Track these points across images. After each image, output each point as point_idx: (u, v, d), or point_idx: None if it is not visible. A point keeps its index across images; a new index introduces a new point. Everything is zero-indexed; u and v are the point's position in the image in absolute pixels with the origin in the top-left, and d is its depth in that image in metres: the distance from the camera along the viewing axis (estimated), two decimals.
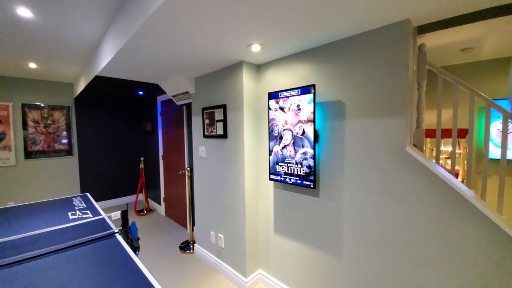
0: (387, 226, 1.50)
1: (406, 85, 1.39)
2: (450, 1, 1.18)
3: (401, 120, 1.42)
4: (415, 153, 1.39)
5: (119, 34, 1.76)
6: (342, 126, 1.67)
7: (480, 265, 1.21)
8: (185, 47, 1.77)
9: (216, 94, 2.40)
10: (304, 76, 1.87)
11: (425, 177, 1.35)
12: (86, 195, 2.85)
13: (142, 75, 2.57)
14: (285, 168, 1.93)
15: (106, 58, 2.12)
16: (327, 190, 1.79)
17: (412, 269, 1.42)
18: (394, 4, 1.20)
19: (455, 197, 1.26)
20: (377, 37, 1.46)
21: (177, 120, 3.60)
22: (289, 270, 2.10)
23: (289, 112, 1.86)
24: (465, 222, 1.24)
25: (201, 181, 2.73)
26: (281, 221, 2.14)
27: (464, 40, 2.32)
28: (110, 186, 4.75)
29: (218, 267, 2.56)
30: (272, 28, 1.46)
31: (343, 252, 1.72)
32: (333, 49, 1.68)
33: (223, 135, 2.33)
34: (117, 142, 4.78)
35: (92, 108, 4.44)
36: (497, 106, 1.71)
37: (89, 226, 1.93)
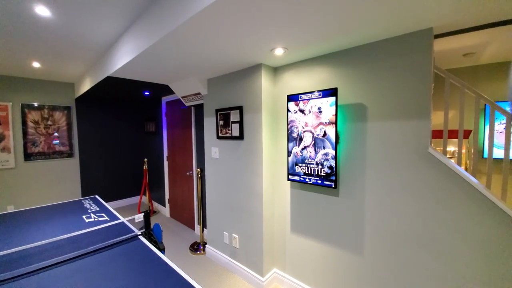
0: (409, 223, 1.58)
1: (428, 89, 1.47)
2: (472, 12, 1.26)
3: (424, 122, 1.50)
4: (437, 153, 1.47)
5: (142, 37, 1.76)
6: (363, 128, 1.74)
7: (501, 258, 1.30)
8: (209, 51, 1.79)
9: (231, 96, 2.43)
10: (324, 79, 1.93)
11: (447, 176, 1.43)
12: (96, 197, 2.81)
13: (154, 76, 2.56)
14: (304, 169, 1.98)
15: (123, 60, 2.10)
16: (347, 190, 1.85)
17: (434, 265, 1.50)
18: (421, 12, 1.27)
19: (475, 194, 1.35)
20: (401, 43, 1.54)
21: (184, 121, 3.59)
22: (307, 268, 2.15)
23: (309, 114, 1.91)
24: (486, 217, 1.33)
25: (214, 182, 2.74)
26: (298, 221, 2.19)
27: (467, 46, 2.45)
28: (112, 188, 4.67)
29: (232, 267, 2.58)
30: (299, 32, 1.51)
31: (364, 250, 1.79)
32: (356, 54, 1.75)
33: (239, 136, 2.36)
34: (119, 143, 4.71)
35: (93, 108, 4.35)
36: (501, 108, 1.83)
37: (110, 229, 1.92)
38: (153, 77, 2.60)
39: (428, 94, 1.47)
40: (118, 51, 2.21)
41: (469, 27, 1.50)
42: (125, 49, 2.06)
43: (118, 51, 2.21)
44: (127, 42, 2.01)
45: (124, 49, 2.08)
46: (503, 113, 1.82)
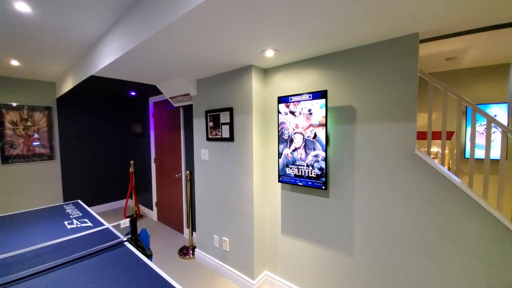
0: (397, 223, 1.61)
1: (414, 92, 1.51)
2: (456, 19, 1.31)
3: (410, 124, 1.54)
4: (423, 155, 1.51)
5: (128, 36, 1.70)
6: (353, 130, 1.76)
7: (482, 257, 1.35)
8: (198, 52, 1.76)
9: (221, 97, 2.40)
10: (314, 82, 1.94)
11: (433, 176, 1.47)
12: (78, 202, 2.70)
13: (141, 76, 2.49)
14: (295, 171, 1.99)
15: (108, 59, 2.03)
16: (337, 191, 1.87)
17: (422, 263, 1.54)
18: (408, 18, 1.30)
19: (460, 194, 1.39)
20: (389, 47, 1.57)
21: (172, 122, 3.51)
22: (298, 270, 2.15)
23: (299, 116, 1.92)
24: (469, 216, 1.37)
25: (203, 184, 2.70)
26: (289, 222, 2.19)
27: (450, 50, 2.55)
28: (97, 192, 4.50)
29: (222, 271, 2.54)
30: (290, 35, 1.51)
31: (354, 251, 1.81)
32: (345, 57, 1.77)
33: (229, 138, 2.33)
34: (103, 144, 4.55)
35: (76, 108, 4.18)
36: (482, 111, 1.91)
37: (94, 236, 1.84)
38: (139, 77, 2.53)
39: (414, 97, 1.51)
40: (102, 50, 2.13)
41: (452, 32, 1.56)
42: (110, 48, 1.99)
43: (102, 49, 2.13)
44: (112, 40, 1.94)
45: (109, 48, 2.01)
46: (484, 115, 1.90)
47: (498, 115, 3.05)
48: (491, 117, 1.93)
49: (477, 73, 3.08)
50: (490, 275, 1.34)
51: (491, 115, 3.05)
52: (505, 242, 1.29)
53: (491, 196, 2.97)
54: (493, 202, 2.98)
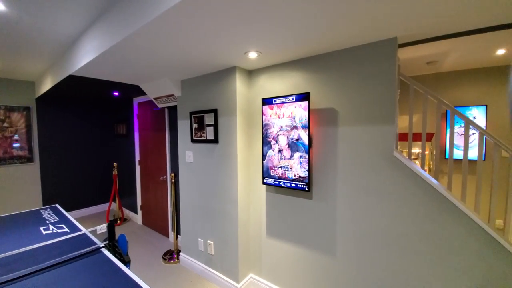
0: (377, 224, 1.63)
1: (393, 95, 1.54)
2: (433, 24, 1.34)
3: (389, 127, 1.56)
4: (401, 156, 1.54)
5: (106, 35, 1.65)
6: (335, 132, 1.77)
7: (459, 254, 1.38)
8: (179, 52, 1.73)
9: (206, 98, 2.37)
10: (297, 84, 1.94)
11: (410, 178, 1.50)
12: (56, 207, 2.59)
13: (123, 76, 2.42)
14: (279, 172, 1.98)
15: (86, 58, 1.96)
16: (320, 192, 1.87)
17: (400, 262, 1.56)
18: (385, 23, 1.32)
19: (435, 195, 1.42)
20: (369, 51, 1.59)
21: (157, 123, 3.44)
22: (282, 272, 2.14)
23: (283, 118, 1.91)
24: (444, 216, 1.40)
25: (188, 187, 2.65)
26: (273, 224, 2.18)
27: (430, 54, 2.62)
28: (79, 195, 4.34)
29: (207, 275, 2.50)
30: (271, 37, 1.50)
31: (337, 251, 1.82)
32: (326, 60, 1.78)
33: (213, 140, 2.30)
34: (85, 146, 4.40)
35: (57, 109, 4.03)
36: (460, 113, 1.96)
37: (70, 242, 1.77)
38: (120, 77, 2.46)
39: (393, 100, 1.53)
40: (81, 49, 2.06)
41: (430, 37, 1.59)
42: (88, 47, 1.93)
43: (81, 48, 2.06)
44: (91, 39, 1.88)
45: (87, 47, 1.94)
46: (462, 117, 1.96)
47: (477, 117, 3.16)
48: (468, 119, 1.99)
49: (457, 77, 3.19)
50: (465, 273, 1.37)
51: (470, 117, 3.16)
52: (479, 242, 1.33)
53: (469, 195, 3.07)
54: (471, 201, 3.09)
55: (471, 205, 3.09)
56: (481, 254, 1.33)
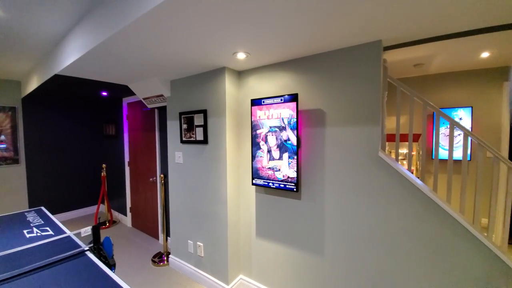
0: (363, 222, 1.65)
1: (378, 97, 1.56)
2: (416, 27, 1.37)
3: (374, 128, 1.58)
4: (386, 157, 1.56)
5: (91, 34, 1.62)
6: (322, 132, 1.79)
7: (439, 252, 1.41)
8: (167, 52, 1.72)
9: (195, 99, 2.35)
10: (286, 85, 1.95)
11: (395, 178, 1.52)
12: (41, 209, 2.52)
13: (110, 76, 2.39)
14: (268, 173, 1.98)
15: (72, 57, 1.92)
16: (308, 193, 1.89)
17: (386, 259, 1.59)
18: (370, 26, 1.35)
19: (419, 194, 1.45)
20: (354, 53, 1.62)
21: (147, 124, 3.40)
22: (272, 273, 2.14)
23: (272, 118, 1.92)
24: (426, 214, 1.43)
25: (178, 188, 2.63)
26: (263, 225, 2.18)
27: (417, 57, 2.68)
28: (66, 198, 4.24)
29: (197, 277, 2.48)
30: (258, 39, 1.51)
31: (324, 251, 1.83)
32: (314, 61, 1.80)
33: (203, 140, 2.29)
34: (74, 147, 4.31)
35: (44, 109, 3.94)
36: (445, 114, 2.01)
37: (54, 245, 1.72)
38: (108, 77, 2.43)
39: (378, 102, 1.55)
40: (66, 48, 2.02)
41: (414, 40, 1.63)
42: (73, 45, 1.89)
43: (66, 47, 2.02)
44: (75, 38, 1.85)
45: (72, 46, 1.91)
46: (447, 118, 2.01)
47: (463, 118, 3.24)
48: (453, 120, 2.04)
49: (443, 79, 3.27)
50: (448, 271, 1.40)
51: (457, 118, 3.24)
52: (463, 241, 1.36)
53: (455, 194, 3.14)
54: (457, 200, 3.16)
55: (456, 204, 3.16)
56: (465, 253, 1.36)
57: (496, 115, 3.03)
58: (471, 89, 3.18)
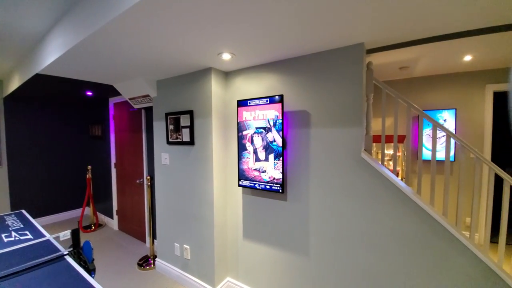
0: (347, 222, 1.66)
1: (360, 99, 1.58)
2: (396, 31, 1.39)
3: (357, 129, 1.60)
4: (368, 157, 1.58)
5: (72, 32, 1.58)
6: (307, 134, 1.79)
7: (419, 250, 1.43)
8: (151, 51, 1.69)
9: (182, 99, 2.33)
10: (272, 86, 1.95)
11: (376, 178, 1.54)
12: (21, 213, 2.44)
13: (94, 75, 2.33)
14: (254, 174, 1.97)
15: (52, 56, 1.87)
16: (294, 194, 1.89)
17: (369, 258, 1.60)
18: (351, 30, 1.36)
19: (399, 195, 1.47)
20: (338, 55, 1.63)
21: (134, 125, 3.34)
22: (259, 274, 2.13)
23: (258, 120, 1.91)
24: (407, 214, 1.45)
25: (164, 190, 2.59)
26: (250, 227, 2.17)
27: (402, 60, 2.73)
28: (50, 201, 4.12)
29: (183, 280, 2.44)
30: (242, 41, 1.50)
31: (310, 251, 1.83)
32: (299, 63, 1.80)
33: (189, 141, 2.26)
34: (58, 148, 4.19)
35: (27, 109, 3.82)
36: (428, 116, 2.05)
37: (32, 249, 1.66)
38: (91, 76, 2.37)
39: (361, 103, 1.57)
40: (47, 46, 1.96)
41: (397, 43, 1.66)
42: (54, 44, 1.84)
43: (47, 46, 1.96)
44: (57, 36, 1.80)
45: (53, 44, 1.86)
46: (430, 120, 2.05)
47: (448, 120, 3.31)
48: (436, 122, 2.08)
49: (428, 81, 3.34)
50: (429, 269, 1.42)
51: (441, 120, 3.32)
52: (441, 240, 1.38)
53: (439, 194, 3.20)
54: (441, 200, 3.23)
55: (440, 203, 3.23)
56: (445, 253, 1.38)
57: (479, 116, 3.11)
58: (455, 91, 3.26)
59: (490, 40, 2.26)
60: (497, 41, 2.22)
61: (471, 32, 1.54)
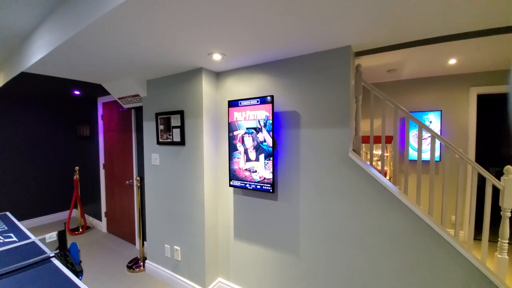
0: (336, 221, 1.69)
1: (348, 100, 1.62)
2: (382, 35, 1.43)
3: (345, 130, 1.64)
4: (355, 158, 1.62)
5: (59, 29, 1.55)
6: (297, 134, 1.82)
7: (405, 247, 1.48)
8: (140, 50, 1.68)
9: (172, 99, 2.31)
10: (263, 87, 1.97)
11: (364, 178, 1.58)
12: (6, 215, 2.36)
13: (82, 74, 2.29)
14: (245, 174, 1.98)
15: (38, 54, 1.83)
16: (284, 193, 1.91)
17: (357, 256, 1.64)
18: (337, 33, 1.40)
19: (386, 193, 1.51)
20: (326, 58, 1.67)
21: (123, 125, 3.29)
22: (250, 274, 2.14)
23: (249, 120, 1.92)
24: (394, 213, 1.50)
25: (154, 191, 2.56)
26: (241, 227, 2.17)
27: (390, 63, 2.80)
28: (36, 202, 3.99)
29: (174, 282, 2.42)
30: (232, 42, 1.52)
31: (300, 250, 1.85)
32: (289, 64, 1.83)
33: (180, 142, 2.25)
34: (44, 149, 4.08)
35: (12, 108, 3.70)
36: (414, 118, 2.11)
37: (17, 252, 1.61)
38: (79, 75, 2.33)
39: (348, 104, 1.61)
40: (33, 44, 1.92)
41: (385, 45, 1.70)
42: (41, 42, 1.80)
43: (33, 44, 1.92)
44: (44, 34, 1.76)
45: (40, 42, 1.81)
46: (416, 122, 2.11)
47: (433, 121, 3.42)
48: (421, 124, 2.14)
49: (415, 84, 3.44)
50: (413, 264, 1.47)
51: (427, 121, 3.42)
52: (425, 236, 1.43)
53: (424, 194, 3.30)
54: (426, 199, 3.32)
55: (426, 202, 3.32)
56: (428, 249, 1.43)
57: (463, 118, 3.22)
58: (440, 93, 3.36)
59: (473, 44, 2.35)
60: (481, 45, 2.31)
61: (453, 37, 1.60)
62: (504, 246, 1.89)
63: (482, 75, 3.09)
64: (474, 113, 3.18)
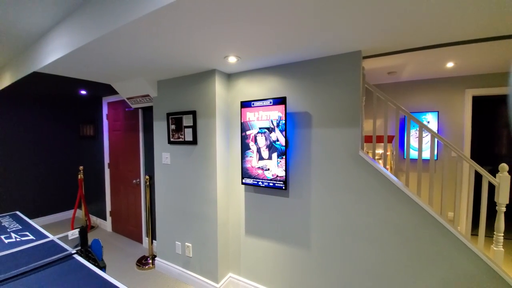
0: (346, 216, 1.79)
1: (358, 101, 1.71)
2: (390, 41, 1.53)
3: (355, 129, 1.73)
4: (365, 156, 1.71)
5: (79, 32, 1.59)
6: (309, 134, 1.90)
7: (412, 239, 1.58)
8: (158, 55, 1.73)
9: (184, 100, 2.37)
10: (274, 89, 2.05)
11: (373, 175, 1.68)
12: (17, 214, 2.39)
13: (94, 74, 2.32)
14: (258, 172, 2.06)
15: (54, 55, 1.86)
16: (296, 190, 1.99)
17: (366, 249, 1.73)
18: (352, 39, 1.49)
19: (393, 188, 1.61)
20: (337, 61, 1.76)
21: (130, 124, 3.32)
22: (261, 269, 2.22)
23: (261, 120, 2.00)
24: (402, 207, 1.60)
25: (165, 189, 2.61)
26: (252, 223, 2.25)
27: (391, 65, 2.92)
28: (40, 202, 3.98)
29: (185, 278, 2.48)
30: (249, 44, 1.59)
31: (311, 244, 1.94)
32: (301, 67, 1.91)
33: (192, 141, 2.31)
34: (48, 148, 4.06)
35: (17, 107, 3.67)
36: (415, 118, 2.23)
37: (38, 250, 1.66)
38: (92, 76, 2.36)
39: (358, 106, 1.70)
40: (48, 45, 1.95)
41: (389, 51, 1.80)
42: (57, 43, 1.83)
43: (48, 44, 1.95)
44: (60, 36, 1.79)
45: (56, 43, 1.84)
46: (416, 122, 2.22)
47: (431, 122, 3.55)
48: (422, 124, 2.26)
49: (413, 86, 3.57)
50: (418, 256, 1.57)
51: (425, 121, 3.55)
52: (430, 228, 1.53)
53: (424, 191, 3.44)
54: (426, 196, 3.46)
55: (425, 199, 3.47)
56: (432, 240, 1.53)
57: (459, 118, 3.37)
58: (437, 95, 3.50)
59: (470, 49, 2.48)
60: (478, 50, 2.43)
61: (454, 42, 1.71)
62: (499, 239, 2.02)
63: (477, 77, 3.23)
64: (469, 114, 3.33)
